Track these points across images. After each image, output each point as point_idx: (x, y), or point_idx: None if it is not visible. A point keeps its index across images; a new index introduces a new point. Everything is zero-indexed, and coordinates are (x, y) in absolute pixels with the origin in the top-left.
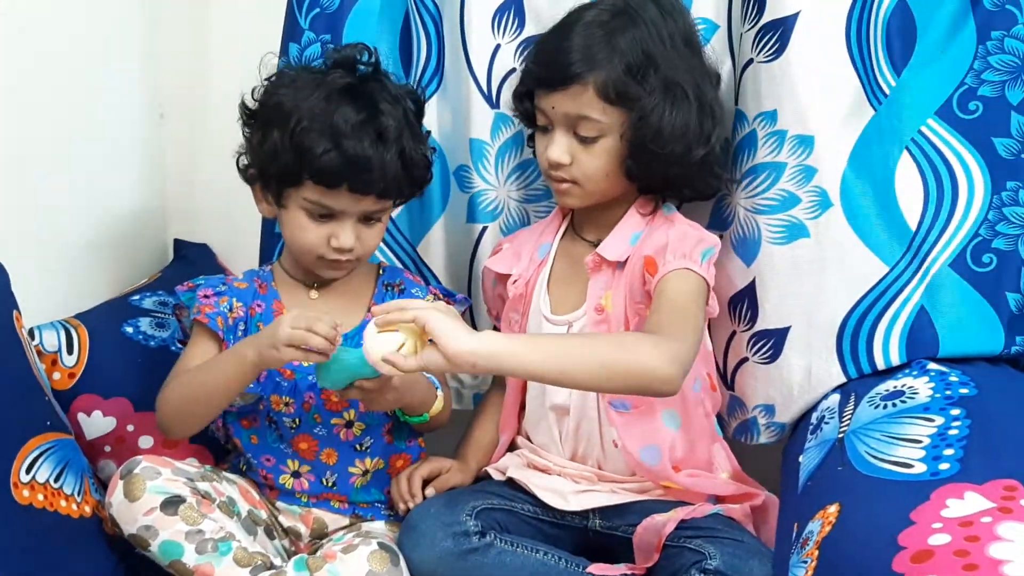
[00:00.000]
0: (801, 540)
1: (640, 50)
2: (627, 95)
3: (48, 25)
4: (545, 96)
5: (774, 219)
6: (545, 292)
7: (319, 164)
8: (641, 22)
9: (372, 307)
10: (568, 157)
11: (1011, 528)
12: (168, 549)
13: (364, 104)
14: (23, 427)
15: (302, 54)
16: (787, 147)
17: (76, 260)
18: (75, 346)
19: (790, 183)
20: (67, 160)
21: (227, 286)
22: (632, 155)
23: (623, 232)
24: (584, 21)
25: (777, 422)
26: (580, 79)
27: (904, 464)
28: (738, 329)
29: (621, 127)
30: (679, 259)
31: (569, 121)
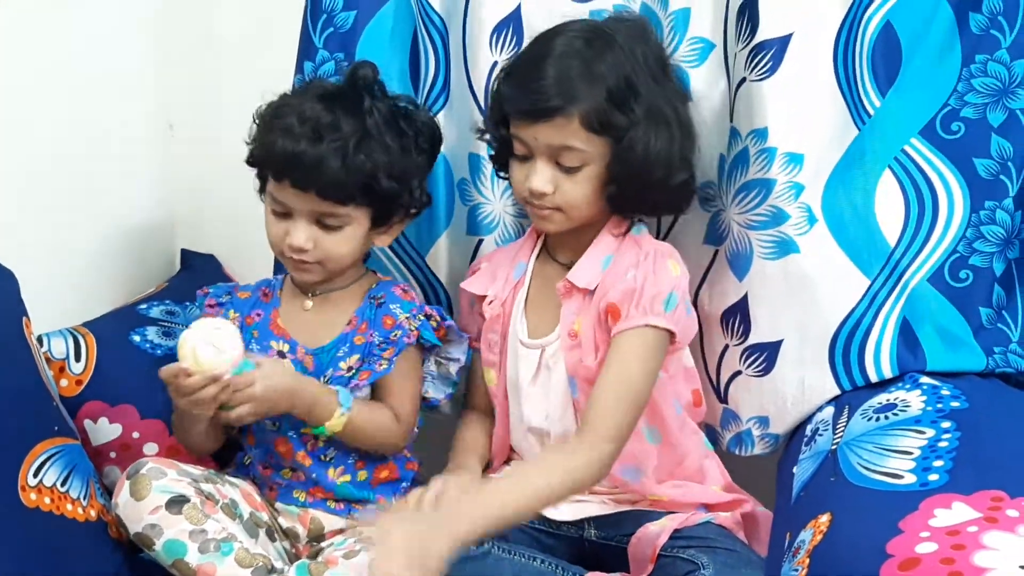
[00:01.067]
0: (793, 549)
1: (620, 76)
2: (611, 124)
3: (58, 37)
4: (526, 127)
5: (765, 235)
6: (522, 314)
7: (266, 156)
8: (617, 46)
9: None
10: (551, 186)
11: (996, 537)
12: (172, 548)
13: (325, 108)
14: (31, 431)
15: (316, 71)
16: (777, 164)
17: (85, 269)
18: (83, 353)
19: (780, 199)
20: (77, 170)
21: (230, 296)
22: (615, 182)
23: (594, 256)
24: (560, 50)
25: (771, 433)
26: (564, 111)
27: (894, 475)
28: (731, 343)
29: (605, 155)
30: (641, 314)
31: (552, 151)
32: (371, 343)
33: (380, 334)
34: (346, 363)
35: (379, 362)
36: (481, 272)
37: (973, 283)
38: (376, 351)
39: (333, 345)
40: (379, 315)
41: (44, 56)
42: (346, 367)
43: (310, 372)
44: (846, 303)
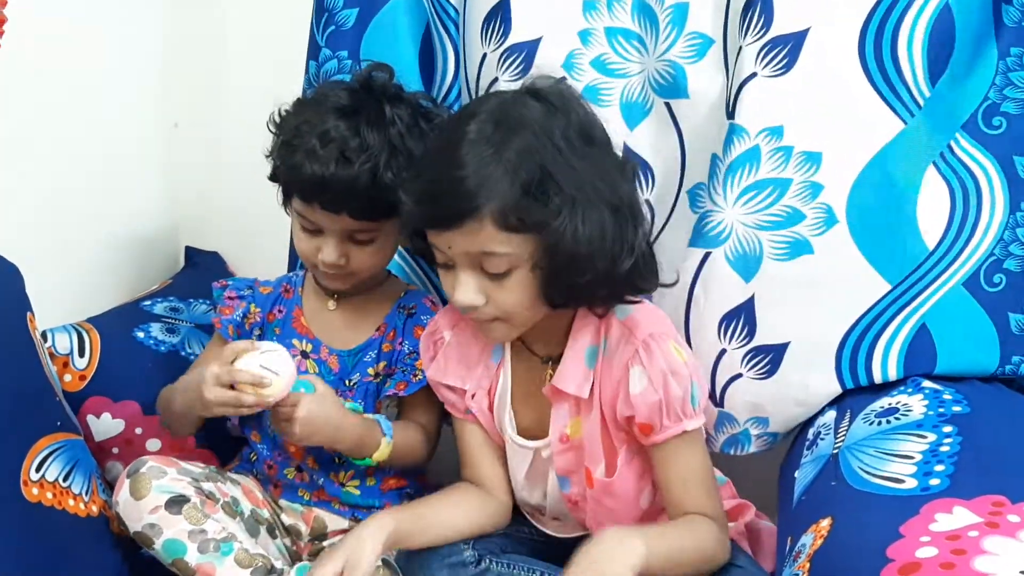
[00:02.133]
0: (794, 553)
1: (533, 163)
2: (529, 220)
3: (65, 37)
4: (437, 235)
5: (777, 235)
6: (510, 409)
7: (292, 177)
8: (526, 128)
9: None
10: (481, 297)
11: (997, 542)
12: (171, 547)
13: (347, 124)
14: (34, 426)
15: (319, 70)
16: (793, 163)
17: (89, 265)
18: (87, 349)
19: (795, 199)
20: (83, 168)
21: (252, 290)
22: (550, 282)
23: (575, 353)
24: (467, 140)
25: (771, 432)
26: (474, 213)
27: (896, 479)
28: (729, 347)
29: (531, 254)
30: (675, 421)
31: (472, 259)
32: (399, 352)
33: (411, 343)
34: (374, 369)
35: (414, 373)
36: (444, 357)
37: (1005, 288)
38: (408, 360)
39: (360, 349)
40: (410, 325)
41: (51, 55)
42: (373, 373)
43: (334, 373)
44: (858, 307)
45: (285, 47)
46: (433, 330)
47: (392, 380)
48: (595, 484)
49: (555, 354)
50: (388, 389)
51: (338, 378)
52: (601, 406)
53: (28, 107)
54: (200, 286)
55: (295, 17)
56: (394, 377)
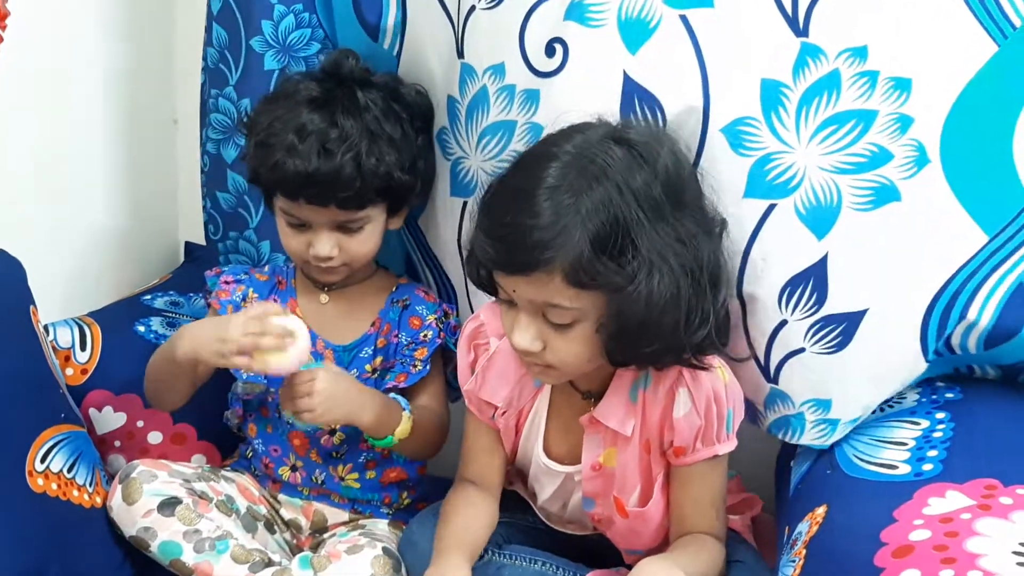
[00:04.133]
0: (791, 541)
1: (613, 219)
2: (601, 279)
3: (65, 32)
4: (503, 277)
5: (860, 180)
6: (542, 434)
7: (274, 176)
8: (609, 179)
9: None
10: (539, 344)
11: (989, 524)
12: (167, 549)
13: (322, 116)
14: (39, 418)
15: (278, 29)
16: (880, 91)
17: (90, 260)
18: (88, 343)
19: (882, 135)
20: (84, 164)
21: (248, 276)
22: (613, 342)
23: (619, 389)
24: (545, 185)
25: (831, 419)
26: (545, 265)
27: (889, 466)
28: (791, 318)
29: (597, 311)
30: (708, 446)
31: (536, 307)
32: (396, 344)
33: (407, 335)
34: (371, 365)
35: (413, 363)
36: (489, 369)
37: None
38: (405, 351)
39: (356, 345)
40: (405, 316)
41: (50, 51)
42: (371, 369)
43: None
44: (951, 264)
45: None
46: (475, 332)
47: (391, 373)
48: (630, 515)
49: (597, 390)
50: (388, 382)
51: None
52: (643, 437)
53: (29, 105)
54: (200, 281)
55: None
56: (393, 370)
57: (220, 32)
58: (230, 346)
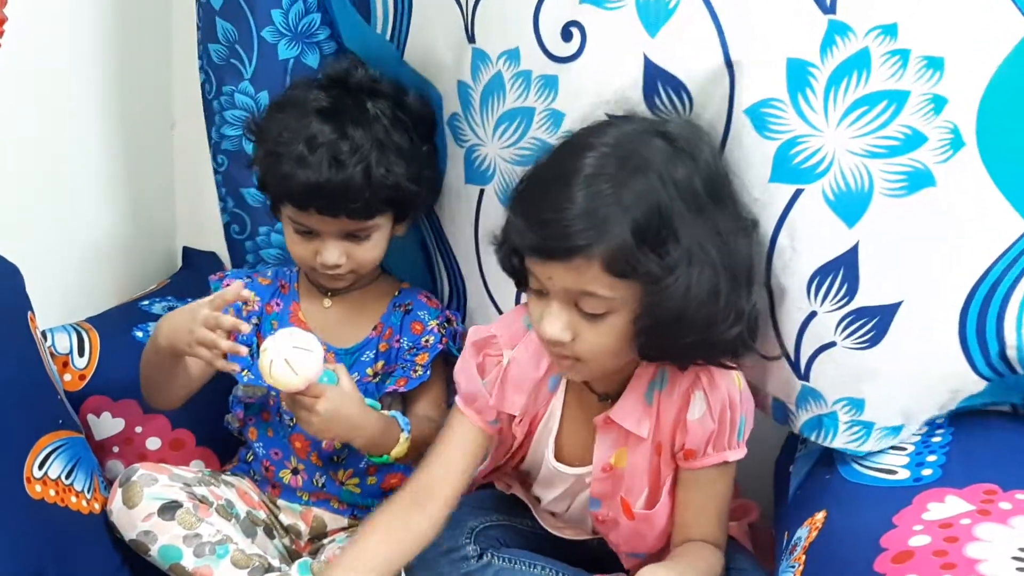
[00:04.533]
0: (790, 547)
1: (652, 208)
2: (640, 268)
3: (62, 37)
4: (539, 264)
5: (892, 164)
6: (553, 437)
7: (284, 187)
8: (650, 170)
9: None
10: (569, 334)
11: (989, 529)
12: (167, 553)
13: (333, 127)
14: (37, 424)
15: (288, 17)
16: (912, 70)
17: (88, 266)
18: (86, 349)
19: (915, 117)
20: (81, 169)
21: (251, 279)
22: (646, 335)
23: (636, 392)
24: (585, 173)
25: (865, 420)
26: (584, 251)
27: (888, 471)
28: (821, 309)
29: (632, 302)
30: (718, 452)
31: (570, 296)
32: (398, 348)
33: (409, 339)
34: (372, 369)
35: (414, 368)
36: (505, 380)
37: None
38: (407, 356)
39: (358, 348)
40: (407, 321)
41: (47, 56)
42: (372, 373)
43: None
44: (990, 251)
45: None
46: (487, 341)
47: (392, 377)
48: (636, 516)
49: (613, 392)
50: (388, 386)
51: None
52: (655, 439)
53: (27, 108)
54: (198, 286)
55: None
56: (394, 374)
57: (226, 27)
58: (194, 336)
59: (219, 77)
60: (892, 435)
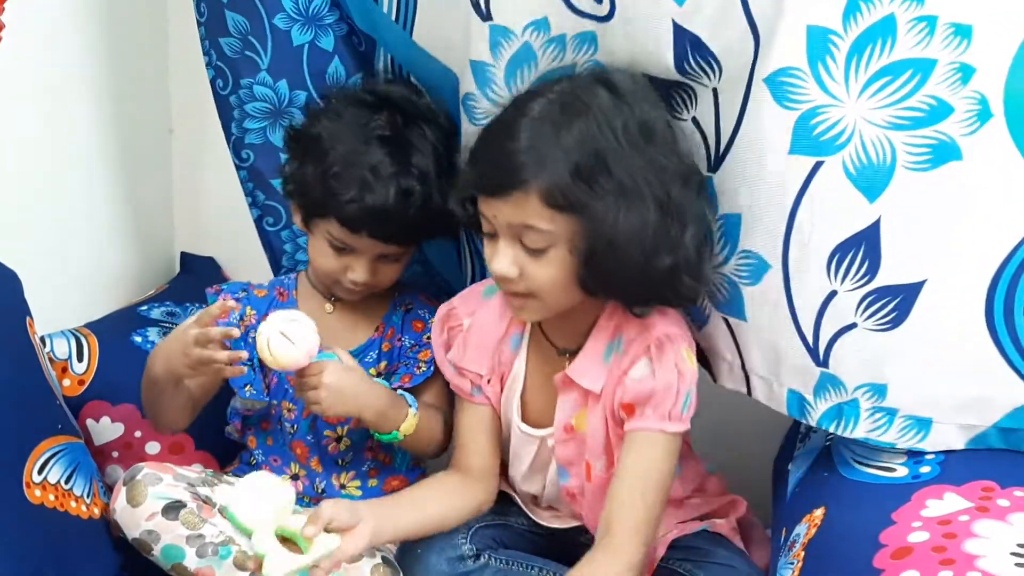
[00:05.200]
0: (789, 543)
1: (589, 148)
2: (575, 201)
3: (61, 43)
4: (486, 202)
5: (917, 136)
6: (518, 398)
7: (343, 210)
8: (591, 114)
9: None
10: (515, 270)
11: (987, 525)
12: (170, 553)
13: (398, 155)
14: (36, 429)
15: (298, 2)
16: (939, 38)
17: (86, 271)
18: (85, 354)
19: (942, 86)
20: (80, 174)
21: (247, 293)
22: (586, 265)
23: (594, 350)
24: (530, 116)
25: (888, 407)
26: (522, 186)
27: (887, 468)
28: (841, 288)
29: (570, 236)
30: (659, 418)
31: (514, 231)
32: (400, 347)
33: (411, 338)
34: (375, 369)
35: (417, 365)
36: (463, 342)
37: None
38: (409, 354)
39: (362, 350)
40: (407, 320)
41: (45, 63)
42: (375, 373)
43: None
44: (1018, 231)
45: None
46: (447, 314)
47: (395, 375)
48: (593, 479)
49: (573, 347)
50: (392, 383)
51: None
52: (606, 399)
53: (25, 116)
54: (196, 291)
55: None
56: (397, 372)
57: (237, 19)
58: (189, 360)
59: (234, 71)
60: (919, 429)
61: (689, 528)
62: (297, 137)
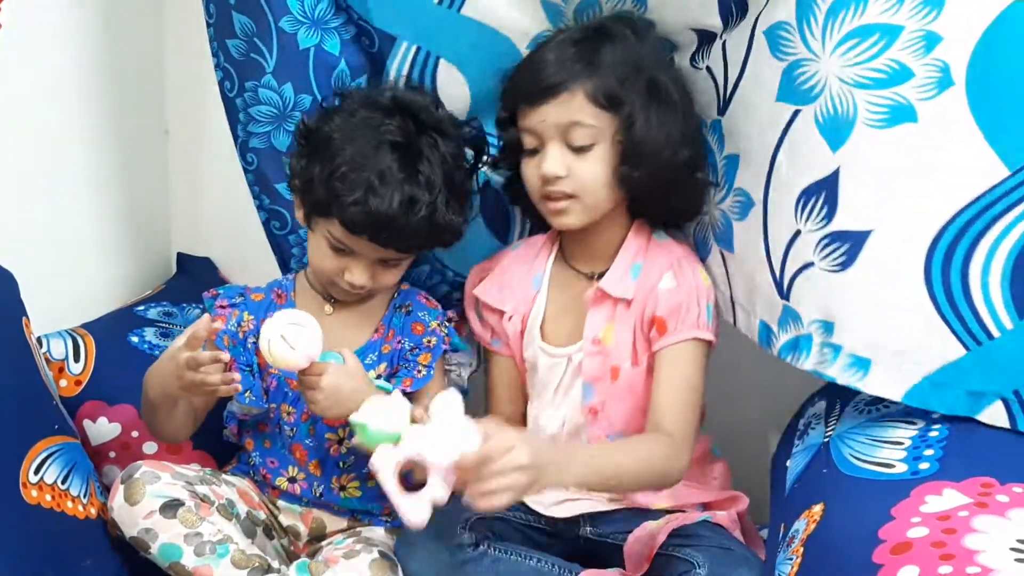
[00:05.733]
0: (787, 539)
1: (623, 58)
2: (616, 99)
3: (58, 43)
4: (532, 111)
5: (877, 96)
6: (539, 329)
7: (346, 212)
8: (619, 36)
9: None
10: (564, 169)
11: (986, 521)
12: (167, 551)
13: (407, 163)
14: (32, 429)
15: (304, 4)
16: (908, 6)
17: (83, 271)
18: (82, 354)
19: (905, 52)
20: (76, 175)
21: (244, 297)
22: (625, 160)
23: (623, 264)
24: (563, 37)
25: (833, 343)
26: (569, 86)
27: (886, 465)
28: (805, 228)
29: (613, 132)
30: (688, 327)
31: (561, 131)
32: (400, 350)
33: (411, 340)
34: (376, 371)
35: (418, 368)
36: (491, 281)
37: None
38: (409, 357)
39: (361, 352)
40: (407, 323)
41: (43, 61)
42: (375, 375)
43: None
44: (963, 196)
45: None
46: (481, 267)
47: (396, 378)
48: (620, 377)
49: (600, 269)
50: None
51: None
52: (634, 313)
53: (21, 116)
54: (193, 291)
55: None
56: (398, 375)
57: (243, 21)
58: (183, 383)
59: (240, 73)
60: (858, 368)
61: (690, 519)
62: (307, 134)
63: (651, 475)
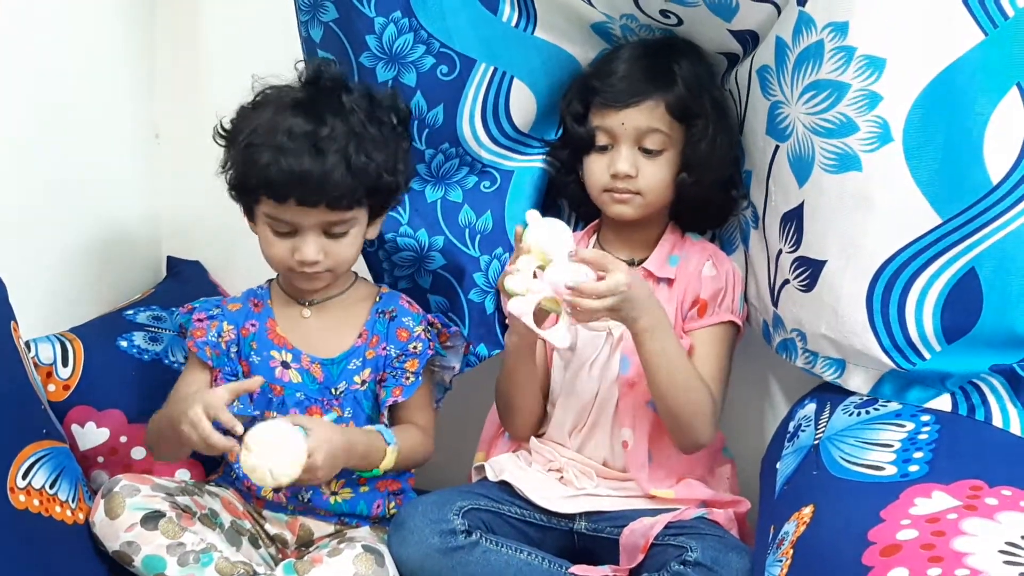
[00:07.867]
0: (777, 541)
1: (695, 75)
2: (690, 113)
3: (46, 48)
4: (614, 113)
5: (829, 144)
6: None
7: (262, 178)
8: (688, 54)
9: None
10: (634, 169)
11: (975, 523)
12: (151, 563)
13: (309, 118)
14: (20, 434)
15: (382, 40)
16: (854, 66)
17: (72, 276)
18: (70, 359)
19: (851, 108)
20: (65, 179)
21: (220, 308)
22: (686, 169)
23: (661, 256)
24: (638, 49)
25: (811, 350)
26: (653, 96)
27: (876, 467)
28: (784, 249)
29: (680, 143)
30: (724, 311)
31: (637, 135)
32: (386, 357)
33: (397, 347)
34: (360, 377)
35: (406, 376)
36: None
37: None
38: (396, 364)
39: (344, 357)
40: (392, 329)
41: (32, 67)
42: (360, 381)
43: (319, 382)
44: (901, 237)
45: (267, 58)
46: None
47: (386, 388)
48: None
49: (640, 257)
50: (387, 399)
51: (323, 387)
52: (680, 296)
53: (10, 121)
54: (182, 295)
55: (276, 28)
56: (386, 384)
57: (328, 57)
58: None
59: None
60: (836, 368)
61: (687, 514)
62: (221, 130)
63: (696, 399)
